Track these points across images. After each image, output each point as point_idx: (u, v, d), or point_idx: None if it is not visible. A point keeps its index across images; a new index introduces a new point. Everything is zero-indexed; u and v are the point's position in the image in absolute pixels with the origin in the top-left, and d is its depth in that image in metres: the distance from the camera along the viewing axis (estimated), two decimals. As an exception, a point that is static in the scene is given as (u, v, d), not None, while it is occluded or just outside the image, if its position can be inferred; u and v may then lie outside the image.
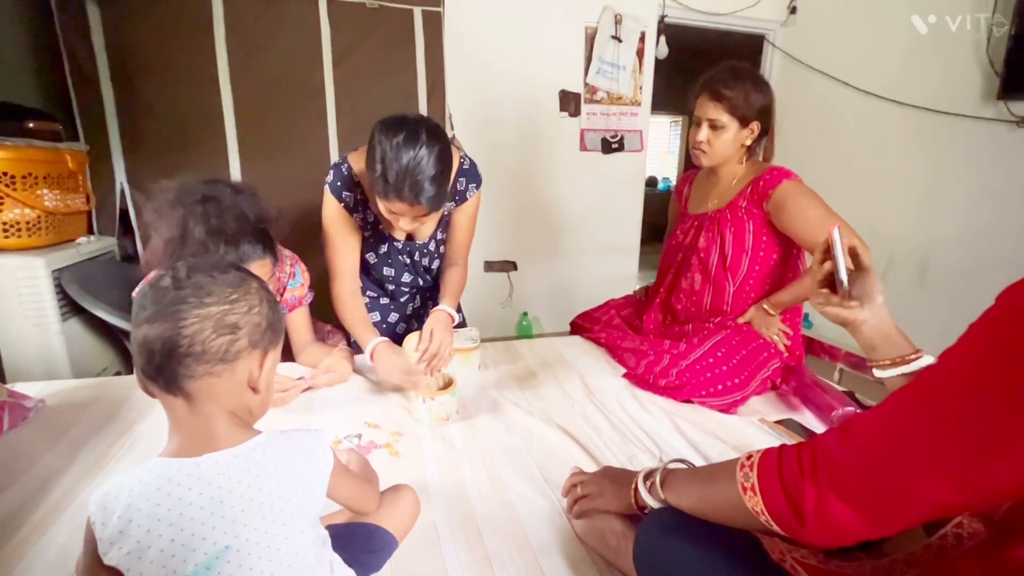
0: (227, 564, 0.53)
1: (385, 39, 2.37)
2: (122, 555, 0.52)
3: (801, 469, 0.52)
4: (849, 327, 0.79)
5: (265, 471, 0.57)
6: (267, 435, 0.61)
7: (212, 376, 0.57)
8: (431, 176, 1.12)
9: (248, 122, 2.24)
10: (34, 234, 1.69)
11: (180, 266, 0.59)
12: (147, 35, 2.07)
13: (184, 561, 0.52)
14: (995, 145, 2.28)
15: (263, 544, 0.55)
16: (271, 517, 0.56)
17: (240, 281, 0.60)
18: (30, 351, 1.68)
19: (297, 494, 0.59)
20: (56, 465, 1.00)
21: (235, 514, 0.54)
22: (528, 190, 3.08)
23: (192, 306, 0.56)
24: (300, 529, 0.59)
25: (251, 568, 0.54)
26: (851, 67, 2.88)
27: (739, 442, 1.13)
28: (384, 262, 1.50)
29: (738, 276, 1.43)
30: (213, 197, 1.07)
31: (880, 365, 0.76)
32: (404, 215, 1.18)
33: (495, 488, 0.97)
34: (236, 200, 1.10)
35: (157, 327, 0.55)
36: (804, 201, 1.31)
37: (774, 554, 0.62)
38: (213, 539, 0.53)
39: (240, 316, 0.58)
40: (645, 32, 3.02)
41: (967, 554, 0.54)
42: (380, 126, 1.15)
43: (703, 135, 1.39)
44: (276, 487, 0.57)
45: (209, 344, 0.56)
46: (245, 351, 0.59)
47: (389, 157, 1.11)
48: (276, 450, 0.60)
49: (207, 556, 0.52)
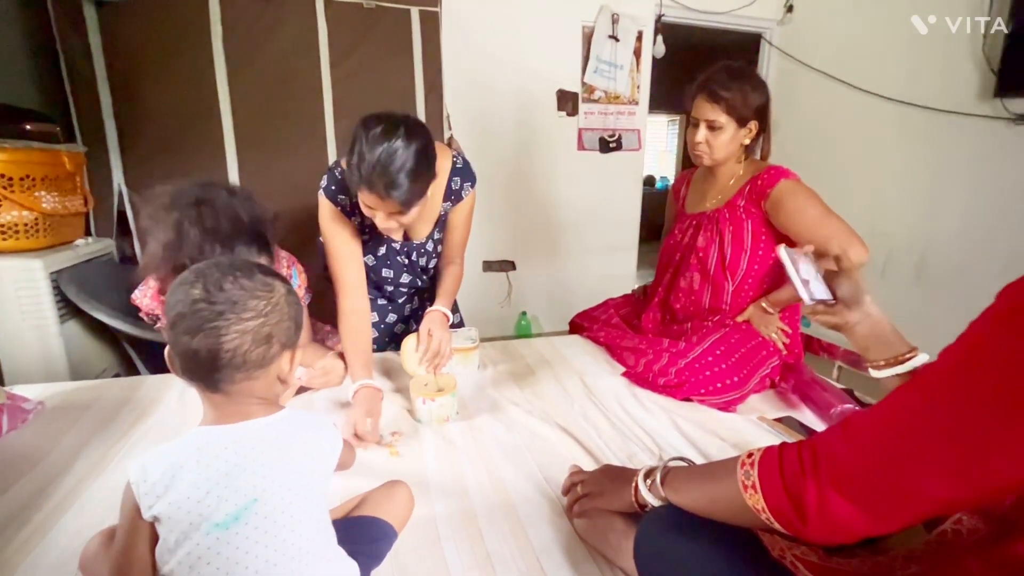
0: (254, 515, 0.59)
1: (383, 39, 2.37)
2: (165, 505, 0.58)
3: (802, 467, 0.52)
4: (841, 330, 0.79)
5: (291, 440, 0.65)
6: (290, 411, 0.69)
7: (250, 380, 0.64)
8: (406, 170, 1.10)
9: (246, 123, 2.24)
10: (32, 236, 1.68)
11: (209, 273, 0.63)
12: (144, 36, 2.07)
13: (217, 509, 0.58)
14: (992, 142, 2.29)
15: (287, 501, 0.61)
16: (294, 478, 0.63)
17: (267, 288, 0.66)
18: (29, 353, 1.67)
19: (315, 461, 0.67)
20: (56, 467, 1.00)
21: (264, 471, 0.61)
22: (526, 190, 3.08)
23: (231, 323, 0.61)
24: (316, 497, 0.66)
25: (274, 522, 0.60)
26: (848, 65, 2.88)
27: (738, 440, 1.13)
28: (383, 264, 1.49)
29: (737, 275, 1.43)
30: (207, 199, 1.07)
31: (876, 365, 0.76)
32: (377, 209, 1.16)
33: (495, 487, 0.97)
34: (231, 202, 1.10)
35: (199, 340, 0.60)
36: (802, 200, 1.31)
37: (774, 551, 0.62)
38: (244, 491, 0.59)
39: (273, 326, 0.65)
40: (642, 31, 3.03)
41: (967, 550, 0.54)
42: (361, 120, 1.15)
43: (701, 136, 1.39)
44: (298, 454, 0.65)
45: (249, 355, 0.62)
46: (278, 354, 0.66)
47: (364, 149, 1.10)
48: (300, 423, 0.68)
49: (237, 507, 0.59)
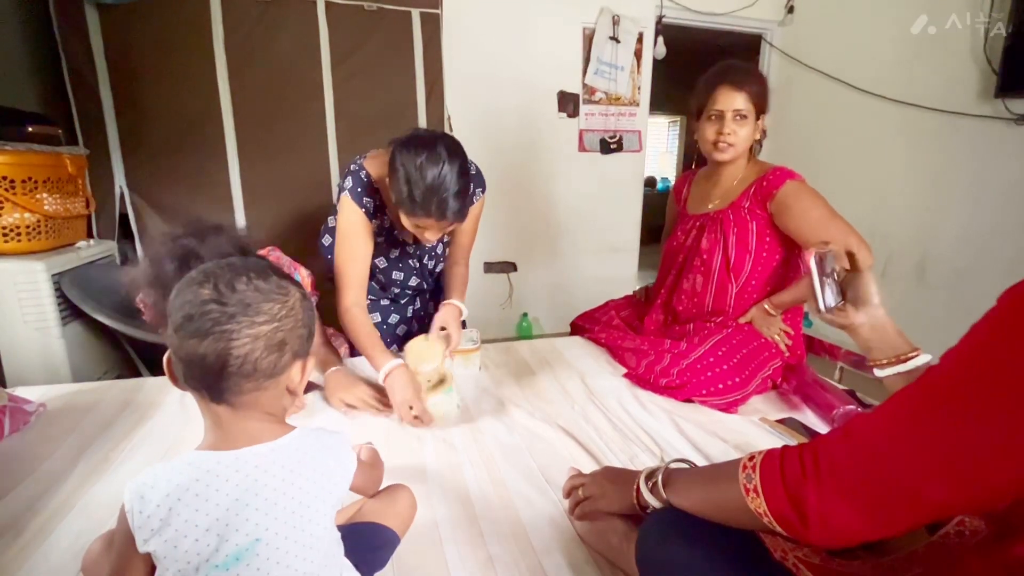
0: (256, 557, 0.54)
1: (384, 41, 2.37)
2: (160, 542, 0.53)
3: (803, 470, 0.52)
4: (846, 330, 0.80)
5: (298, 467, 0.59)
6: (300, 431, 0.62)
7: (259, 390, 0.59)
8: (455, 192, 1.17)
9: (247, 125, 2.25)
10: (34, 238, 1.69)
11: (220, 273, 0.58)
12: (146, 38, 2.08)
13: (217, 550, 0.53)
14: (993, 143, 2.29)
15: (291, 539, 0.56)
16: (300, 511, 0.57)
17: (282, 292, 0.60)
18: (30, 355, 1.68)
19: (324, 491, 0.60)
20: (58, 470, 1.00)
21: (268, 507, 0.56)
22: (527, 191, 3.08)
23: (243, 326, 0.56)
24: (324, 526, 0.60)
25: (277, 562, 0.55)
26: (849, 66, 2.88)
27: (740, 441, 1.13)
28: (395, 266, 1.51)
29: (741, 277, 1.42)
30: (192, 254, 0.88)
31: (878, 365, 0.77)
32: (430, 228, 1.22)
33: (497, 489, 0.97)
34: (216, 242, 0.95)
35: (208, 344, 0.55)
36: (807, 202, 1.31)
37: (776, 553, 0.62)
38: (246, 531, 0.54)
39: (287, 332, 0.59)
40: (643, 32, 3.03)
41: (969, 551, 0.54)
42: (399, 147, 1.18)
43: (729, 127, 1.35)
44: (306, 483, 0.59)
45: (260, 363, 0.57)
46: (290, 363, 0.61)
47: (415, 177, 1.14)
48: (309, 447, 0.61)
49: (238, 547, 0.54)
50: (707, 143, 1.40)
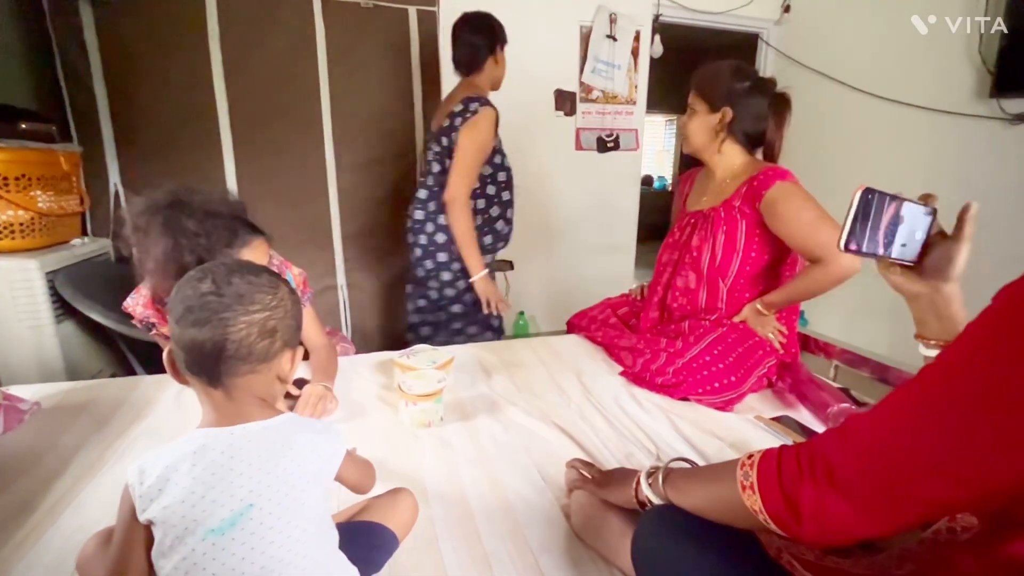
0: (250, 521, 0.58)
1: (380, 39, 2.36)
2: (159, 509, 0.57)
3: (800, 469, 0.52)
4: (904, 294, 0.72)
5: (288, 442, 0.64)
6: (291, 415, 0.68)
7: (253, 374, 0.64)
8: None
9: (242, 122, 2.24)
10: (28, 236, 1.68)
11: (217, 270, 0.64)
12: (140, 35, 2.06)
13: (212, 515, 0.57)
14: (988, 143, 2.30)
15: (283, 506, 0.60)
16: (291, 482, 0.61)
17: (273, 285, 0.67)
18: (24, 354, 1.67)
19: (314, 466, 0.64)
20: (52, 468, 1.00)
21: (260, 476, 0.60)
22: (524, 189, 3.05)
23: (239, 313, 0.62)
24: (315, 500, 0.64)
25: (271, 528, 0.59)
26: (845, 65, 2.89)
27: (736, 439, 1.14)
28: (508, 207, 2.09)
29: (728, 276, 1.42)
30: (181, 199, 1.06)
31: (925, 342, 0.70)
32: None
33: (493, 487, 0.97)
34: (206, 196, 1.10)
35: (206, 331, 0.61)
36: (797, 204, 1.28)
37: (771, 551, 0.62)
38: (239, 496, 0.58)
39: (278, 321, 0.66)
40: (640, 31, 3.03)
41: (961, 547, 0.54)
42: None
43: (682, 120, 1.48)
44: (296, 456, 0.63)
45: (254, 347, 0.63)
46: (281, 350, 0.67)
47: None
48: (300, 428, 0.67)
49: (232, 512, 0.58)
50: None
